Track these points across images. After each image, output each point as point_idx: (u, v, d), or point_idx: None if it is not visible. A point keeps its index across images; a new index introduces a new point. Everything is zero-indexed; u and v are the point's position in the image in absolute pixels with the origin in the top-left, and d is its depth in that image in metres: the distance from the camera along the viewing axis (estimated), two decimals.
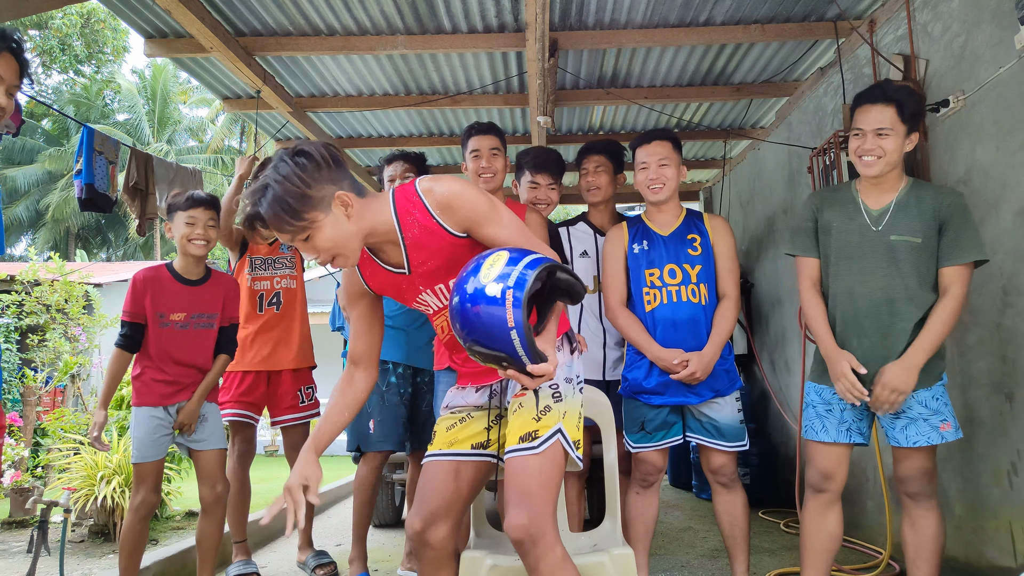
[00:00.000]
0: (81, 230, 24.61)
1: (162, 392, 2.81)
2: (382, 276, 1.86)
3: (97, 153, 4.21)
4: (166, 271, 2.88)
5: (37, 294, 7.35)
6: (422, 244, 1.76)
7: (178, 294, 2.85)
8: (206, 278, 2.93)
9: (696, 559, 3.67)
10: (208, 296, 2.91)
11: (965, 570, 3.00)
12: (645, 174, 2.72)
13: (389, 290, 1.89)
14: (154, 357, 2.82)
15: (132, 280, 2.83)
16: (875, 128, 2.28)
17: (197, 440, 2.89)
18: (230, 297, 2.98)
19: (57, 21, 21.64)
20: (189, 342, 2.85)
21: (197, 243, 2.84)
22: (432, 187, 1.73)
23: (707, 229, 2.76)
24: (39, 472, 5.89)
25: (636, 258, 2.76)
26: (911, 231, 2.29)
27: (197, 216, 2.83)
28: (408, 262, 1.79)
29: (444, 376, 2.91)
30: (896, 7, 3.48)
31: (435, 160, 6.48)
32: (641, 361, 2.71)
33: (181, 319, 2.84)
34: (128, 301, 2.82)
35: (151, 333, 2.82)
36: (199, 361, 2.89)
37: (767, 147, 5.35)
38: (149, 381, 2.81)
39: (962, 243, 2.24)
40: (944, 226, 2.27)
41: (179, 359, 2.84)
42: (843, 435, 2.37)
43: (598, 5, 3.72)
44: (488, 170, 2.87)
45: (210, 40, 3.65)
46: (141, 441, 2.78)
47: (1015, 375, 2.72)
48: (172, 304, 2.83)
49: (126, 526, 2.79)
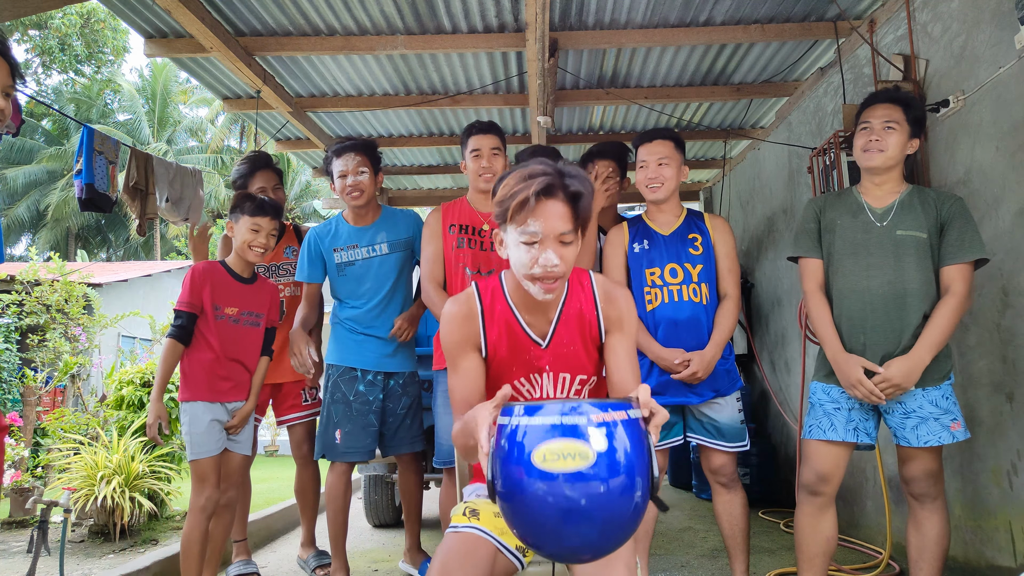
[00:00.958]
0: (81, 230, 24.62)
1: (219, 388, 2.82)
2: (514, 338, 1.73)
3: (97, 153, 4.21)
4: (221, 267, 2.92)
5: (37, 294, 7.34)
6: (571, 325, 1.74)
7: (233, 289, 2.89)
8: (254, 278, 2.99)
9: (696, 559, 3.67)
10: (257, 295, 2.95)
11: (965, 570, 3.00)
12: (644, 173, 2.71)
13: (505, 353, 1.73)
14: (213, 350, 2.82)
15: (191, 271, 2.85)
16: (883, 122, 2.35)
17: (234, 441, 2.90)
18: (273, 301, 3.03)
19: (57, 21, 21.65)
20: (240, 337, 2.88)
21: (256, 251, 2.87)
22: (603, 279, 1.82)
23: (708, 229, 2.76)
24: (39, 472, 5.88)
25: (637, 257, 2.75)
26: (917, 227, 2.31)
27: (262, 224, 2.86)
28: (552, 334, 1.74)
29: (441, 376, 2.89)
30: (896, 7, 3.48)
31: (435, 160, 6.48)
32: (641, 361, 2.70)
33: (234, 313, 2.87)
34: (186, 292, 2.81)
35: (208, 326, 2.82)
36: (248, 358, 2.92)
37: (767, 147, 5.35)
38: (206, 375, 2.80)
39: (964, 242, 2.26)
40: (946, 226, 2.30)
41: (231, 354, 2.86)
42: (851, 434, 2.37)
43: (598, 5, 3.72)
44: (488, 170, 2.86)
45: (210, 40, 3.65)
46: (198, 436, 2.77)
47: (1015, 375, 2.72)
48: (227, 298, 2.86)
49: (189, 528, 2.75)
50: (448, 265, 2.87)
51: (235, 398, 2.88)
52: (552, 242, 1.58)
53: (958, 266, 2.27)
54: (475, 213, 2.91)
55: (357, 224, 3.15)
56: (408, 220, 3.23)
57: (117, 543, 3.88)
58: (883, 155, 2.35)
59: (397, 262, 3.15)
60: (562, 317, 1.74)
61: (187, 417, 2.78)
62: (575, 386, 1.79)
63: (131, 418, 4.53)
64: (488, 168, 2.86)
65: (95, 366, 8.11)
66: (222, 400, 2.83)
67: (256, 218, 2.84)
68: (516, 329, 1.74)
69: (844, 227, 2.42)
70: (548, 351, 1.74)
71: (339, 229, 3.16)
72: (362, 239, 3.13)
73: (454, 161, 6.48)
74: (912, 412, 2.30)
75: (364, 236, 3.13)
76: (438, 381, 2.94)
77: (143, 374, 4.71)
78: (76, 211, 21.50)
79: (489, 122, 2.96)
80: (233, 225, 2.89)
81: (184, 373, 2.84)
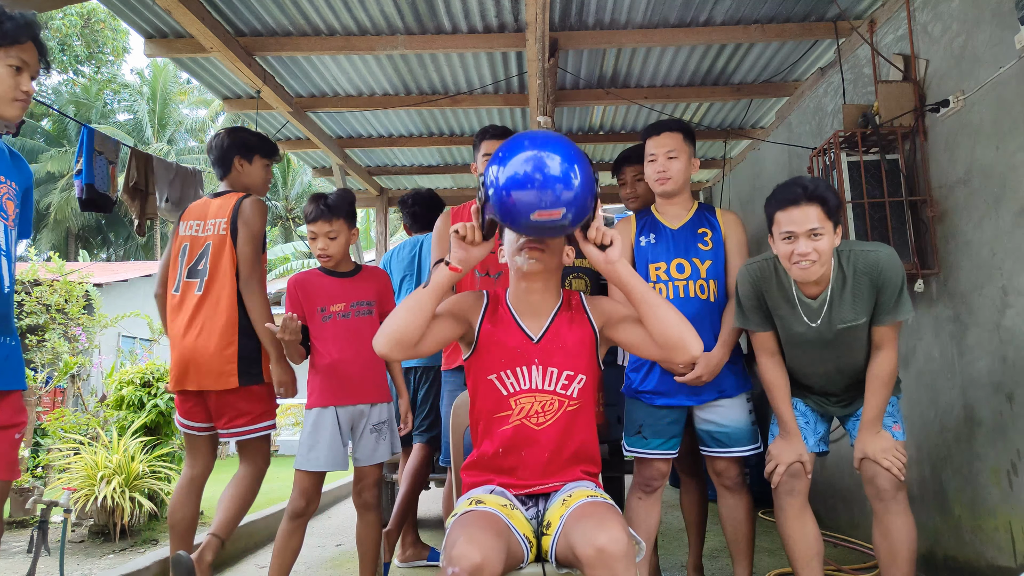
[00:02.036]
0: (81, 230, 24.62)
1: (334, 391, 2.71)
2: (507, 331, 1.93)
3: (97, 153, 4.21)
4: (316, 270, 2.84)
5: (37, 294, 7.34)
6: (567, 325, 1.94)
7: (331, 286, 2.78)
8: (357, 270, 2.86)
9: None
10: (363, 286, 2.83)
11: (965, 570, 3.00)
12: (653, 166, 2.64)
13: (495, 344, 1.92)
14: (331, 353, 2.71)
15: (287, 286, 2.78)
16: (809, 228, 2.15)
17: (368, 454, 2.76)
18: (383, 290, 2.88)
19: (57, 21, 21.65)
20: (354, 332, 2.75)
21: (322, 259, 2.77)
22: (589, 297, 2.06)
23: (719, 224, 2.67)
24: (39, 472, 5.88)
25: (641, 251, 2.66)
26: (854, 315, 2.29)
27: (316, 230, 2.75)
28: (545, 331, 1.93)
29: (451, 376, 2.89)
30: (896, 7, 3.48)
31: (435, 160, 6.48)
32: (641, 361, 2.64)
33: (342, 309, 2.76)
34: (286, 306, 2.76)
35: (315, 330, 2.74)
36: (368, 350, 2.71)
37: (767, 147, 5.35)
38: (316, 383, 2.73)
39: (898, 307, 2.26)
40: (880, 291, 2.26)
41: (349, 353, 2.72)
42: (819, 447, 2.49)
43: (598, 5, 3.72)
44: None
45: (210, 40, 3.65)
46: (302, 444, 2.69)
47: (1015, 375, 2.72)
48: (328, 296, 2.76)
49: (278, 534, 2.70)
50: None
51: (363, 397, 2.73)
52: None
53: (889, 327, 2.29)
54: None
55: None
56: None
57: (117, 543, 3.88)
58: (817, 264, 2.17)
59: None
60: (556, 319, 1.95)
61: (308, 422, 2.70)
62: (562, 380, 1.92)
63: (131, 418, 4.53)
64: None
65: (95, 366, 8.11)
66: (343, 403, 2.71)
67: (309, 226, 2.75)
68: (511, 323, 1.94)
69: (785, 319, 2.38)
70: (539, 346, 1.92)
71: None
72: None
73: (454, 161, 6.48)
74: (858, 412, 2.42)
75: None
76: (445, 380, 2.93)
77: (143, 374, 4.71)
78: (76, 211, 21.51)
79: (503, 127, 2.93)
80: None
81: (308, 383, 2.78)
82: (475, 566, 1.51)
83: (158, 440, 4.54)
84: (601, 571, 1.54)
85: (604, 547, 1.54)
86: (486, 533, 1.60)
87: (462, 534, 1.59)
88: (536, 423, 1.89)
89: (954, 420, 3.06)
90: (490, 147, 2.88)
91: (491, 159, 1.68)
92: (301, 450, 2.69)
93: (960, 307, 3.02)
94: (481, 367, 1.93)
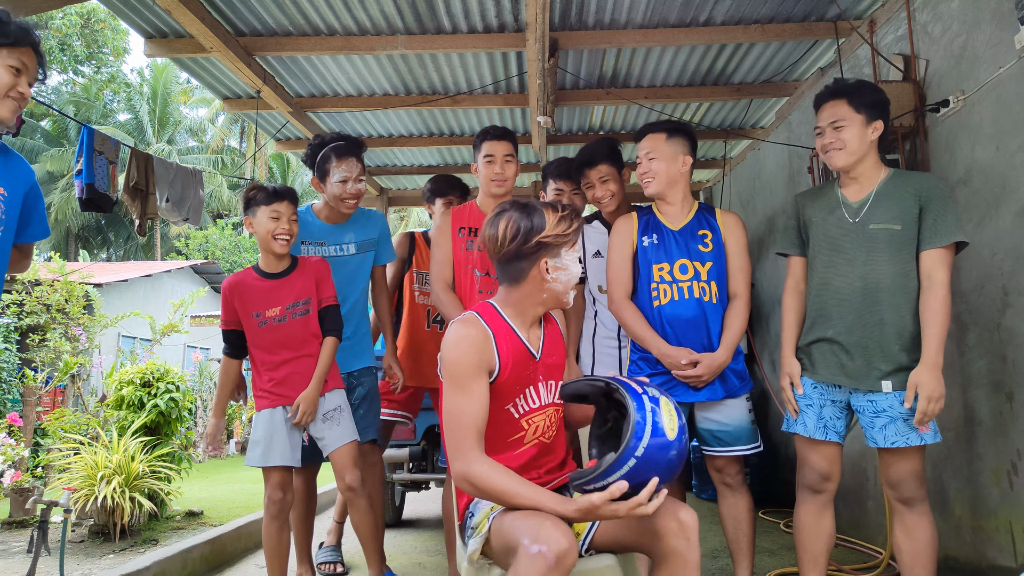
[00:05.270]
0: (82, 230, 24.63)
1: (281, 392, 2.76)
2: (519, 354, 1.88)
3: (97, 153, 4.21)
4: (251, 272, 2.83)
5: (37, 294, 7.35)
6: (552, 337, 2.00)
7: (266, 290, 2.79)
8: (291, 268, 2.85)
9: None
10: (298, 284, 2.82)
11: (965, 570, 3.00)
12: (639, 169, 2.66)
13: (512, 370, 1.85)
14: (267, 357, 2.76)
15: (221, 290, 2.81)
16: (830, 122, 2.35)
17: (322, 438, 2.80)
18: (321, 278, 2.87)
19: (57, 21, 21.66)
20: (291, 334, 2.78)
21: (282, 239, 2.75)
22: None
23: (719, 225, 2.66)
24: (39, 472, 5.89)
25: (645, 251, 2.64)
26: (890, 219, 2.28)
27: (281, 210, 2.75)
28: (542, 345, 1.95)
29: None
30: (896, 7, 3.48)
31: (435, 160, 6.48)
32: (645, 357, 2.63)
33: (277, 313, 2.78)
34: (222, 311, 2.81)
35: (252, 335, 2.77)
36: (309, 349, 2.80)
37: (767, 147, 5.35)
38: (263, 383, 2.77)
39: (941, 226, 2.22)
40: (924, 210, 2.25)
41: (287, 355, 2.77)
42: (820, 432, 2.36)
43: (598, 5, 3.72)
44: (501, 176, 2.87)
45: (210, 40, 3.65)
46: (252, 443, 2.75)
47: (1015, 375, 2.72)
48: (263, 301, 2.77)
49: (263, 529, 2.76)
50: (457, 267, 2.87)
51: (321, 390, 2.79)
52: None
53: (937, 251, 2.23)
54: (483, 216, 2.90)
55: (330, 222, 3.12)
56: (377, 221, 3.24)
57: (117, 543, 3.87)
58: (844, 152, 2.33)
59: (360, 263, 3.15)
60: (546, 331, 1.99)
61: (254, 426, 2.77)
62: (556, 390, 1.96)
63: (131, 418, 4.53)
64: (500, 174, 2.87)
65: (95, 366, 8.11)
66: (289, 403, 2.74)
67: (273, 205, 2.74)
68: (519, 346, 1.89)
69: (819, 223, 2.41)
70: (540, 362, 1.93)
71: (310, 223, 3.10)
72: (331, 237, 3.10)
73: (454, 161, 6.48)
74: (882, 412, 2.27)
75: (334, 235, 3.10)
76: None
77: (143, 374, 4.71)
78: (77, 211, 21.51)
79: (504, 128, 2.93)
80: (252, 221, 2.78)
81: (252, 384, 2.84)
82: (563, 551, 1.52)
83: (158, 440, 4.54)
84: (682, 541, 1.69)
85: (685, 520, 1.70)
86: (558, 524, 1.59)
87: (546, 519, 1.59)
88: (548, 437, 1.94)
89: (954, 420, 3.06)
90: (490, 148, 2.88)
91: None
92: (258, 449, 2.73)
93: (960, 307, 3.02)
94: (496, 398, 1.85)
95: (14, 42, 1.83)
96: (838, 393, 2.37)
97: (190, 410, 4.97)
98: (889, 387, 2.25)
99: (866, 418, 2.31)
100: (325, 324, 2.83)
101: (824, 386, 2.38)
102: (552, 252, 1.87)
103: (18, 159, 2.02)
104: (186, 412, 4.80)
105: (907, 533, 2.30)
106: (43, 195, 2.16)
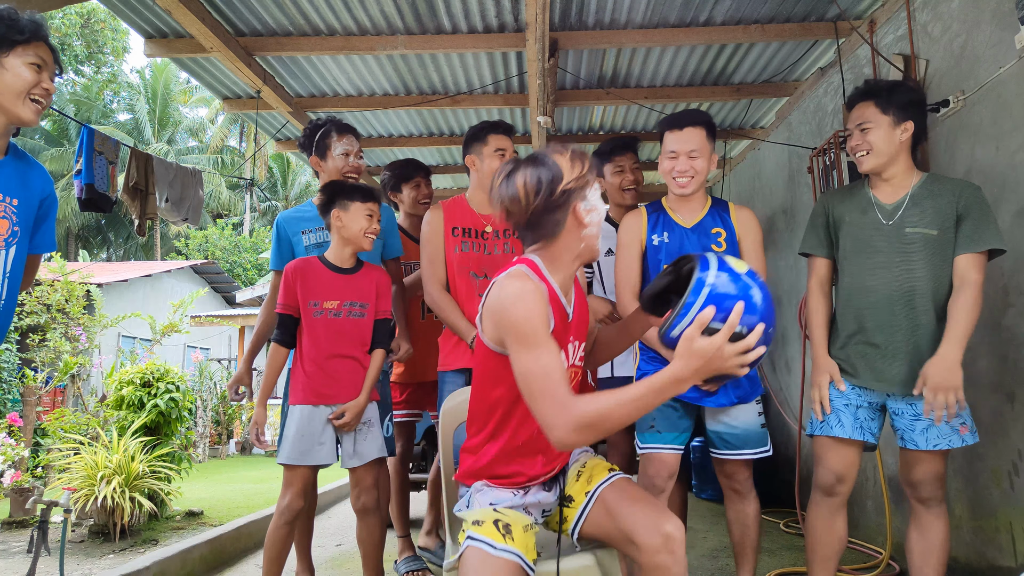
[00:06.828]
0: (81, 230, 24.64)
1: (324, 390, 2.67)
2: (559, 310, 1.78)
3: (97, 153, 4.21)
4: (316, 260, 2.79)
5: (37, 294, 7.35)
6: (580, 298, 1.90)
7: (331, 281, 2.74)
8: (358, 267, 2.82)
9: (696, 559, 3.66)
10: (362, 284, 2.78)
11: (965, 570, 3.00)
12: (673, 164, 2.46)
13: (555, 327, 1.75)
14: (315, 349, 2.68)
15: (283, 271, 2.75)
16: (857, 124, 2.33)
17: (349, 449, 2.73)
18: (383, 290, 2.83)
19: (57, 21, 21.67)
20: (344, 331, 2.72)
21: (371, 237, 2.73)
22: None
23: (732, 222, 2.55)
24: (39, 472, 5.89)
25: (655, 250, 2.53)
26: (926, 223, 2.25)
27: (375, 210, 2.74)
28: (573, 307, 1.85)
29: (450, 376, 2.81)
30: (896, 7, 3.48)
31: (435, 160, 6.48)
32: (656, 357, 2.56)
33: (335, 307, 2.72)
34: (280, 293, 2.73)
35: (304, 324, 2.71)
36: (356, 352, 2.73)
37: (767, 147, 5.35)
38: (307, 378, 2.68)
39: (982, 233, 2.21)
40: (962, 216, 2.23)
41: (335, 350, 2.70)
42: (858, 432, 2.31)
43: (598, 5, 3.73)
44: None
45: (210, 40, 3.65)
46: (290, 440, 2.64)
47: (1015, 375, 2.72)
48: (325, 292, 2.72)
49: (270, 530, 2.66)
50: (451, 268, 2.79)
51: (349, 398, 2.68)
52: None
53: (972, 255, 2.21)
54: (477, 215, 2.83)
55: None
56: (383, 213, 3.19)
57: (117, 543, 3.88)
58: (872, 155, 2.30)
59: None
60: (576, 291, 1.89)
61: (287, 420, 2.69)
62: (580, 352, 1.89)
63: (131, 418, 4.53)
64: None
65: (95, 366, 8.11)
66: (329, 402, 2.67)
67: (370, 203, 2.72)
68: (560, 305, 1.80)
69: (852, 224, 2.37)
70: (572, 323, 1.84)
71: (310, 211, 3.06)
72: None
73: (454, 161, 6.48)
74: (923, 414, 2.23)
75: None
76: (444, 381, 2.85)
77: (143, 374, 4.71)
78: (76, 211, 21.51)
79: (508, 123, 2.90)
80: (341, 215, 2.72)
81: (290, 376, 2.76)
82: None
83: (158, 440, 4.54)
84: (666, 556, 1.62)
85: (671, 533, 1.63)
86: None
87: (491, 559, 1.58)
88: None
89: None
90: (501, 142, 2.81)
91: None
92: (298, 447, 2.61)
93: None
94: None
95: (29, 38, 1.79)
96: (873, 395, 2.34)
97: (190, 410, 4.98)
98: None
99: (905, 420, 2.28)
100: (376, 336, 2.79)
101: (860, 388, 2.35)
102: (579, 196, 1.74)
103: (39, 169, 1.98)
104: (186, 412, 4.80)
105: (921, 532, 2.29)
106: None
